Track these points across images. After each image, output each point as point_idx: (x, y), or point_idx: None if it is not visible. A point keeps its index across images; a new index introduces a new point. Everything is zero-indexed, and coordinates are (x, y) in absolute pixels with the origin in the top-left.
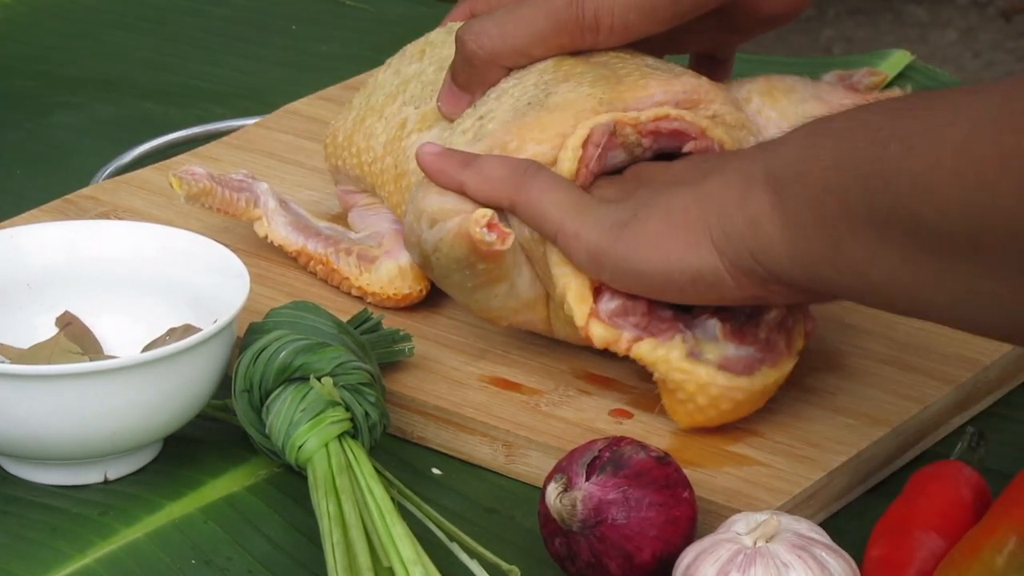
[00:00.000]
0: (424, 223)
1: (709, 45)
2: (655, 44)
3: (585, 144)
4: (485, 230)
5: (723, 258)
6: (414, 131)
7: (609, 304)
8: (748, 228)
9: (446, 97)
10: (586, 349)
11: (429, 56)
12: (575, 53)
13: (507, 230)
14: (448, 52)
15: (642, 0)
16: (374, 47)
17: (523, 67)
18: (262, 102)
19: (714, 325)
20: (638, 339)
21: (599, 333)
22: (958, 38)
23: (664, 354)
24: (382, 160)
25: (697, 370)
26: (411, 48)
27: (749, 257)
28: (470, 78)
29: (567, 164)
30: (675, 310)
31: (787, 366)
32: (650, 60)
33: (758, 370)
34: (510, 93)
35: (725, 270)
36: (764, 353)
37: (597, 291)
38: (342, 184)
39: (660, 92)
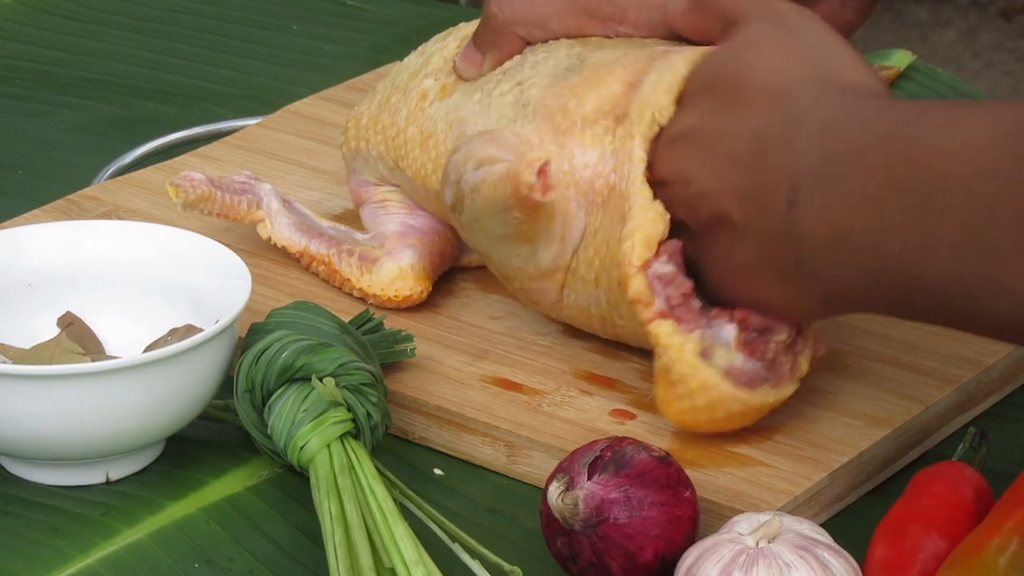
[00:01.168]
0: (471, 164)
1: None
2: None
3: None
4: (534, 172)
5: (805, 298)
6: (436, 100)
7: (663, 267)
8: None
9: (463, 53)
10: (588, 349)
11: (454, 36)
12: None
13: (551, 184)
14: (471, 31)
15: (669, 4)
16: (374, 47)
17: (539, 41)
18: (263, 102)
19: (731, 331)
20: (663, 315)
21: (638, 286)
22: (958, 38)
23: (679, 342)
24: (405, 131)
25: (705, 370)
26: (438, 35)
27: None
28: (486, 38)
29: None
30: (703, 306)
31: (787, 391)
32: (677, 45)
33: (759, 387)
34: (545, 63)
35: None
36: (769, 372)
37: (657, 251)
38: (358, 174)
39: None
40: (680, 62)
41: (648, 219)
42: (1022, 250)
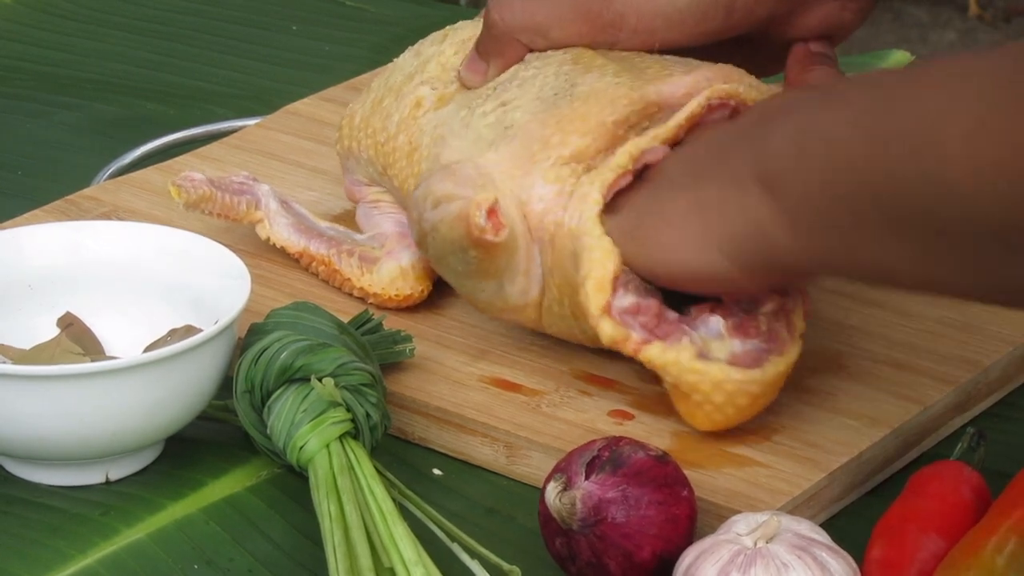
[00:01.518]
0: (429, 202)
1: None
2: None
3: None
4: (483, 215)
5: (733, 262)
6: (430, 110)
7: (622, 301)
8: (756, 233)
9: (467, 63)
10: (586, 349)
11: (451, 38)
12: (593, 47)
13: (503, 223)
14: (468, 35)
15: (670, 10)
16: (374, 47)
17: (542, 51)
18: (263, 102)
19: (717, 322)
20: (646, 341)
21: (608, 330)
22: (958, 38)
23: (674, 357)
24: (395, 139)
25: (710, 369)
26: (434, 34)
27: (762, 259)
28: (488, 47)
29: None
30: (678, 311)
31: (794, 352)
32: (672, 58)
33: (767, 361)
34: (532, 83)
35: (738, 272)
36: (769, 343)
37: (613, 287)
38: (351, 173)
39: (687, 80)
40: (660, 133)
41: (596, 260)
42: (966, 140)
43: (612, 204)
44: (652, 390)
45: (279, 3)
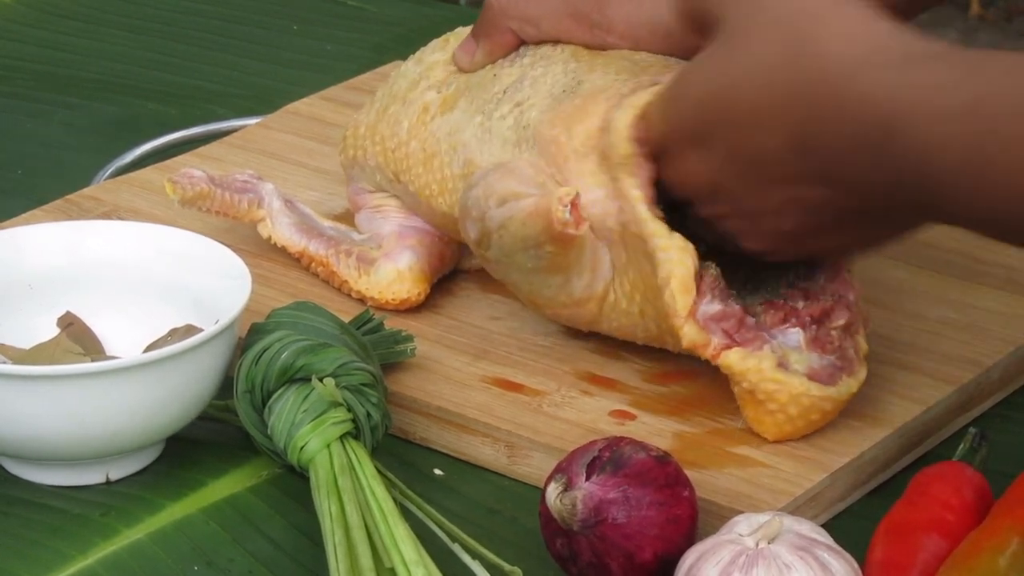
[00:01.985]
0: (493, 201)
1: None
2: None
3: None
4: (567, 209)
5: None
6: (437, 114)
7: (709, 307)
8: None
9: (461, 44)
10: (588, 350)
11: (453, 45)
12: (584, 46)
13: (584, 217)
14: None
15: (656, 23)
16: (374, 47)
17: (534, 42)
18: (263, 102)
19: (797, 334)
20: (727, 347)
21: (692, 333)
22: (959, 38)
23: (756, 364)
24: (407, 145)
25: (791, 380)
26: (435, 41)
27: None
28: (480, 28)
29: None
30: (758, 320)
31: (862, 374)
32: (673, 59)
33: (840, 379)
34: (543, 80)
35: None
36: (842, 361)
37: (699, 290)
38: (355, 182)
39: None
40: (644, 96)
41: (675, 261)
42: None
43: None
44: (653, 390)
45: (279, 3)
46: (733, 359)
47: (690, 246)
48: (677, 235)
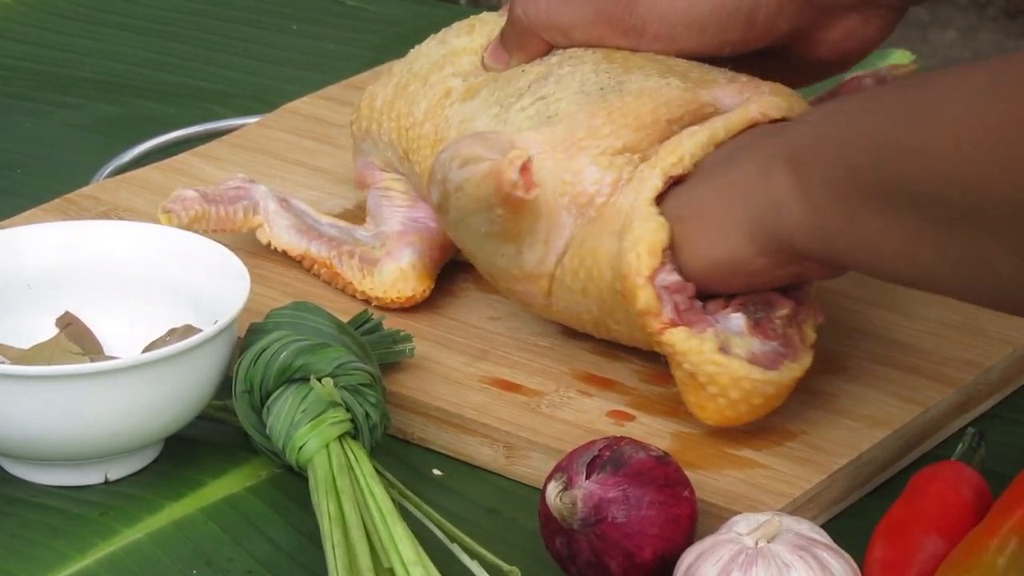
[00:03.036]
0: (456, 163)
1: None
2: None
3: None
4: (516, 169)
5: (754, 244)
6: (457, 101)
7: (668, 276)
8: (772, 210)
9: (492, 50)
10: (586, 350)
11: (480, 31)
12: (616, 49)
13: (535, 182)
14: (497, 28)
15: (691, 18)
16: (374, 47)
17: (564, 49)
18: (262, 101)
19: (739, 319)
20: (673, 323)
21: (646, 297)
22: (958, 38)
23: (697, 345)
24: (421, 125)
25: (731, 363)
26: (459, 24)
27: (775, 238)
28: (510, 40)
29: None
30: (703, 302)
31: (806, 360)
32: (701, 64)
33: (783, 364)
34: (570, 78)
35: (758, 254)
36: (784, 347)
37: (662, 258)
38: (365, 155)
39: (736, 87)
40: (721, 126)
41: (650, 228)
42: (956, 120)
43: (658, 199)
44: (652, 391)
45: (279, 3)
46: (677, 338)
47: (668, 225)
48: (661, 217)
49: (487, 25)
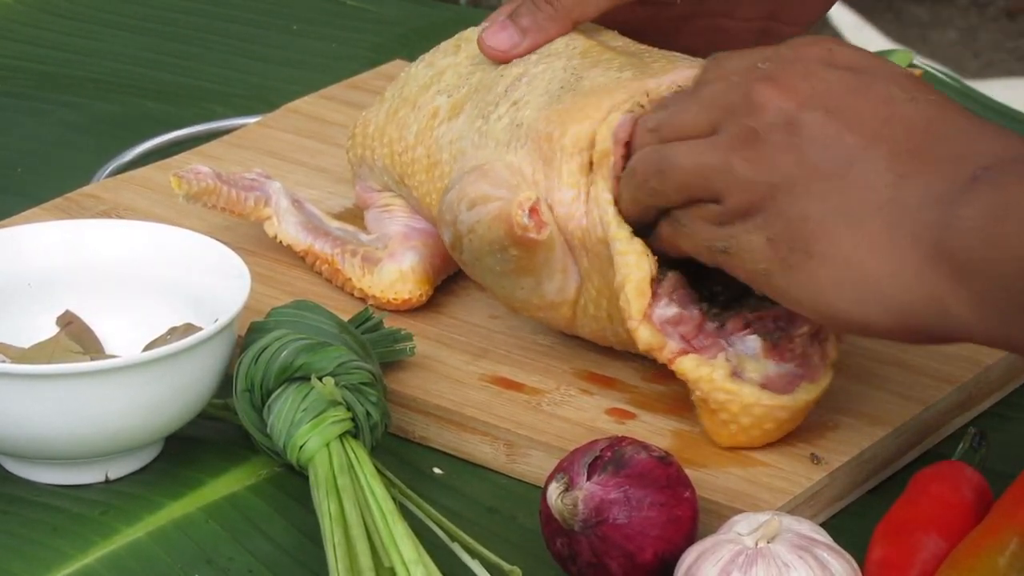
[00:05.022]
0: (464, 204)
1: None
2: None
3: (616, 145)
4: (525, 214)
5: (899, 322)
6: (444, 120)
7: (665, 310)
8: (936, 309)
9: (495, 30)
10: (587, 348)
11: (465, 50)
12: (601, 42)
13: (545, 221)
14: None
15: None
16: (374, 47)
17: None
18: (263, 101)
19: (755, 341)
20: (683, 352)
21: (646, 336)
22: (958, 38)
23: (708, 373)
24: (413, 150)
25: (741, 390)
26: (445, 44)
27: (937, 332)
28: (531, 22)
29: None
30: (719, 325)
31: (825, 380)
32: (678, 54)
33: (798, 386)
34: (541, 78)
35: (902, 331)
36: (803, 369)
37: (655, 293)
38: (363, 180)
39: (688, 73)
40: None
41: (631, 264)
42: None
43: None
44: (653, 389)
45: (279, 3)
46: (687, 366)
47: (649, 253)
48: (637, 240)
49: (472, 44)
